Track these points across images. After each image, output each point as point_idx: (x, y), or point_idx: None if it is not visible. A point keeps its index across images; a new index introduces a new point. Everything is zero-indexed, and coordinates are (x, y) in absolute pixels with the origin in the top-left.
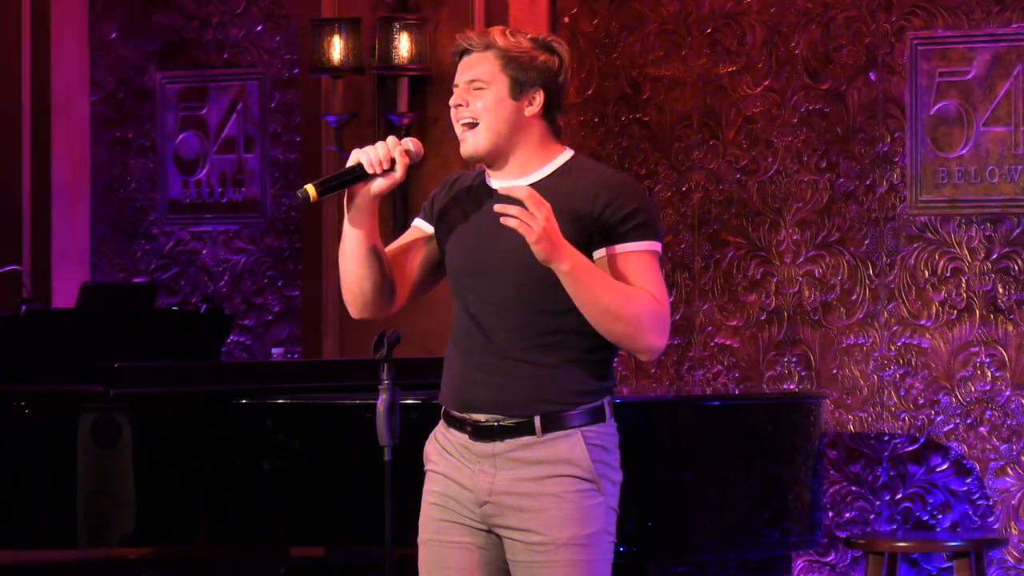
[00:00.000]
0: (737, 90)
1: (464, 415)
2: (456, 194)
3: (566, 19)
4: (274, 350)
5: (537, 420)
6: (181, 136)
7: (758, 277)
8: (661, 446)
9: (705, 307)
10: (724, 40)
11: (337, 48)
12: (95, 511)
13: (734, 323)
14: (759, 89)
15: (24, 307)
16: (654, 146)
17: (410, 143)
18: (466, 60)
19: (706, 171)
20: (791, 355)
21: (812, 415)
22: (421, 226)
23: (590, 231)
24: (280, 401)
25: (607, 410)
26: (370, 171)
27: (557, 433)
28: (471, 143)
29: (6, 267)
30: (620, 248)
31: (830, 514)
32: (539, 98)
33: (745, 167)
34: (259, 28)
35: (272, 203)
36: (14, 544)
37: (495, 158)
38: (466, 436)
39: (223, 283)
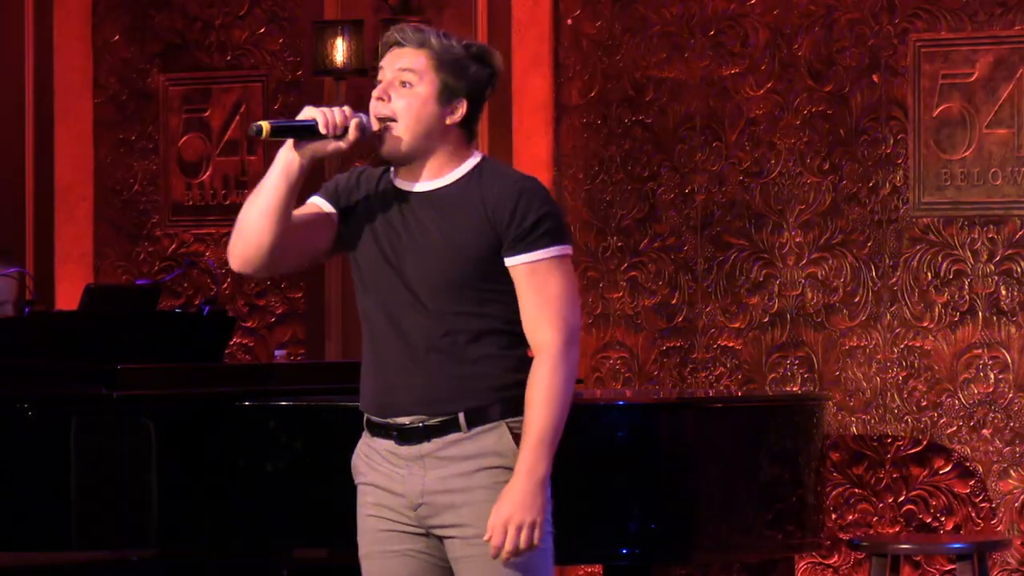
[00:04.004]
0: (740, 92)
1: (387, 420)
2: (364, 190)
3: (569, 21)
4: (277, 352)
5: (461, 416)
6: (184, 138)
7: (761, 279)
8: (664, 448)
9: (708, 309)
10: (727, 42)
11: (340, 50)
12: (97, 513)
13: (737, 325)
14: (762, 91)
15: (27, 309)
16: (657, 148)
17: (363, 117)
18: (396, 51)
19: (709, 173)
20: (794, 357)
21: (815, 417)
22: (322, 205)
23: (499, 239)
24: (283, 403)
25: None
26: (323, 132)
27: (483, 427)
28: (390, 145)
29: (9, 269)
30: (532, 256)
31: (833, 516)
32: (462, 109)
33: (748, 169)
34: (262, 30)
35: None
36: (16, 546)
37: (409, 161)
38: (391, 442)
39: (226, 285)
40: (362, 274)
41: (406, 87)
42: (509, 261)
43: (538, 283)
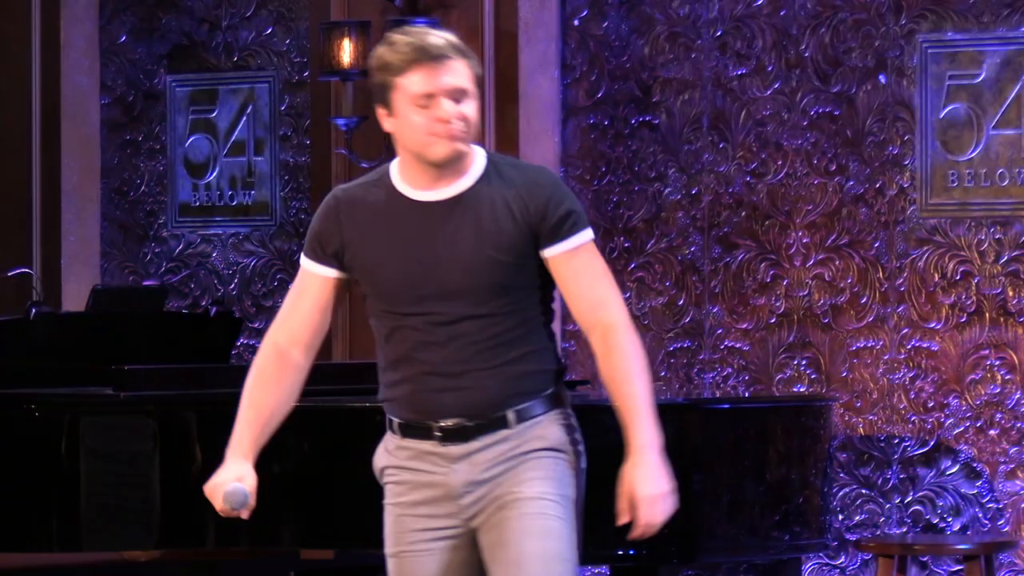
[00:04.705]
0: (747, 93)
1: (429, 422)
2: (361, 219)
3: (576, 21)
4: None
5: (511, 414)
6: (191, 139)
7: (768, 280)
8: (671, 449)
9: (715, 310)
10: (734, 43)
11: (347, 51)
12: (105, 514)
13: (744, 326)
14: (769, 92)
15: (34, 310)
16: (663, 149)
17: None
18: (448, 64)
19: (715, 174)
20: (801, 358)
21: (822, 418)
22: (321, 271)
23: (532, 233)
24: None
25: (565, 392)
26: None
27: (529, 422)
28: (456, 154)
29: (16, 269)
30: (572, 242)
31: (840, 517)
32: None
33: (755, 170)
34: (268, 31)
35: (282, 206)
36: (23, 547)
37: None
38: (433, 442)
39: (233, 286)
40: (390, 291)
41: (467, 97)
42: (549, 251)
43: (583, 266)
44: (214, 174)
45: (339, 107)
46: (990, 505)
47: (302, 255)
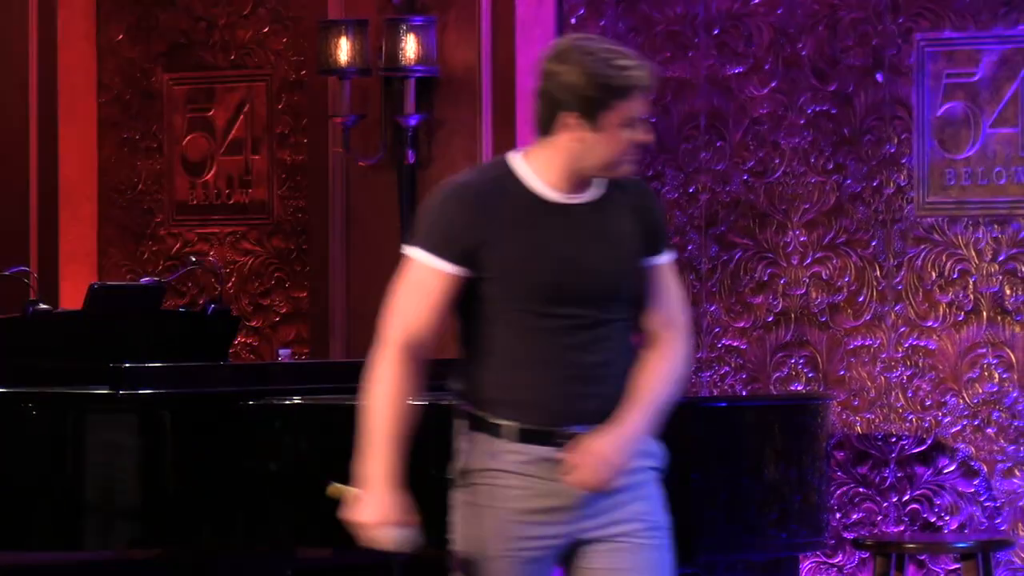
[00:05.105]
0: (744, 91)
1: (560, 429)
2: (500, 216)
3: (573, 20)
4: (281, 351)
5: None
6: (188, 137)
7: (765, 279)
8: (668, 447)
9: (712, 308)
10: (731, 42)
11: (344, 50)
12: (102, 512)
13: (741, 324)
14: (766, 91)
15: (31, 308)
16: (661, 147)
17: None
18: (643, 96)
19: (713, 172)
20: (798, 356)
21: (819, 416)
22: (447, 269)
23: (645, 242)
24: (287, 402)
25: None
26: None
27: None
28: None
29: (13, 268)
30: (668, 256)
31: (837, 515)
32: None
33: (752, 169)
34: (266, 30)
35: (279, 205)
36: (21, 545)
37: None
38: (553, 448)
39: (230, 284)
40: (531, 291)
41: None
42: (657, 260)
43: (673, 278)
44: (211, 173)
45: (337, 106)
46: (987, 503)
47: (416, 250)
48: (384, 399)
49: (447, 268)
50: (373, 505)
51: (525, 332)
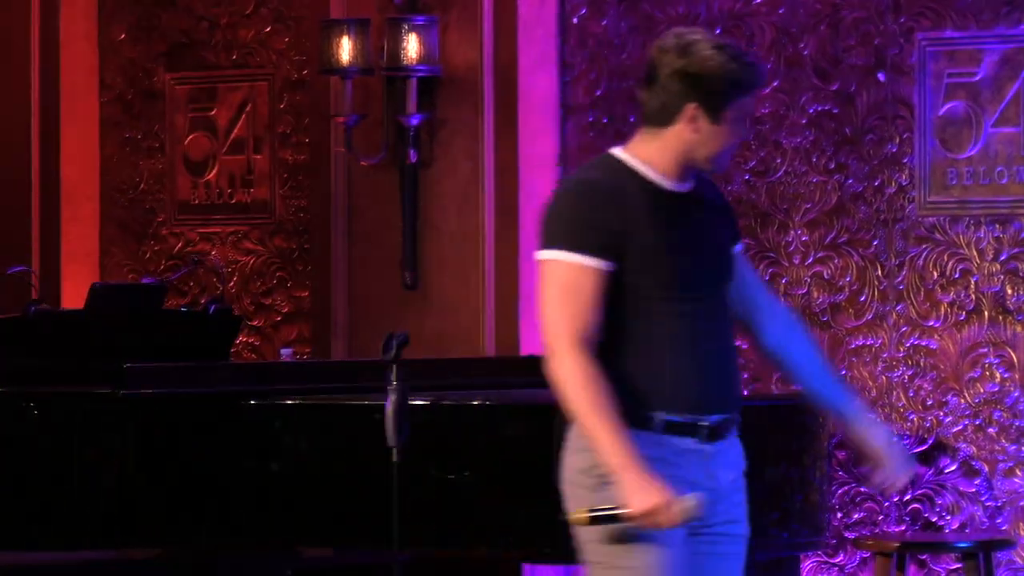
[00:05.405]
0: None
1: (698, 417)
2: (633, 206)
3: (575, 20)
4: (283, 351)
5: (736, 415)
6: (190, 137)
7: (767, 278)
8: None
9: None
10: (733, 41)
11: (346, 49)
12: (103, 512)
13: None
14: (768, 90)
15: (33, 308)
16: None
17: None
18: (756, 96)
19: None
20: None
21: (820, 416)
22: (597, 265)
23: (734, 230)
24: (289, 402)
25: None
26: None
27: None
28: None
29: (15, 268)
30: (741, 244)
31: (839, 515)
32: None
33: (754, 168)
34: (268, 29)
35: (281, 204)
36: (22, 545)
37: None
38: (695, 440)
39: (232, 284)
40: (671, 278)
41: None
42: (739, 247)
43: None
44: (213, 172)
45: (339, 105)
46: (988, 503)
47: (561, 252)
48: (594, 394)
49: (597, 264)
50: (645, 489)
51: (667, 317)
